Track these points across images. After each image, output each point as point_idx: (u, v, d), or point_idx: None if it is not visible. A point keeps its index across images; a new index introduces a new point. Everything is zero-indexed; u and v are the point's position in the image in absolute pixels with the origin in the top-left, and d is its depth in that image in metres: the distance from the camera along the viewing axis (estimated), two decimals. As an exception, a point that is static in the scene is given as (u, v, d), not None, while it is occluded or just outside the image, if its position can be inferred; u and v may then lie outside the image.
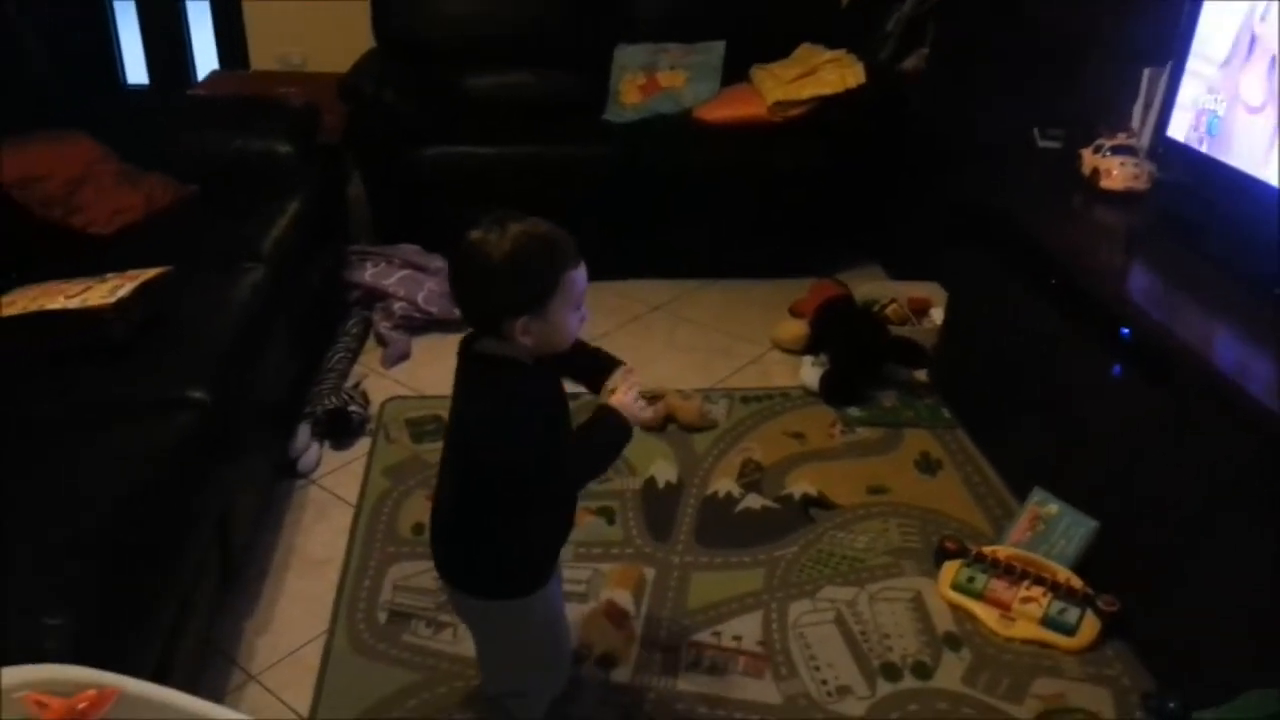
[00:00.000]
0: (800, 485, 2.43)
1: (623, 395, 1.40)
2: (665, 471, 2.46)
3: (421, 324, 3.06)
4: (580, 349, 1.46)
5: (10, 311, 2.09)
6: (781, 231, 3.45)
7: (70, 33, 4.00)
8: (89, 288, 2.13)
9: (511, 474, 1.35)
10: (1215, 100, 2.10)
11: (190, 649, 1.70)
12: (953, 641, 1.98)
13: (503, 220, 1.27)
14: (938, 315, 2.98)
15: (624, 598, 2.06)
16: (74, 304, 2.07)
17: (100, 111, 2.93)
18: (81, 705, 0.91)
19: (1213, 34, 2.11)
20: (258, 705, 1.79)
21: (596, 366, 1.50)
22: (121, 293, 2.07)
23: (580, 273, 1.31)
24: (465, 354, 1.38)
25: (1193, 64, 2.18)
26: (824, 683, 1.88)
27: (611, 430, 1.39)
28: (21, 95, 2.64)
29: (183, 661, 1.63)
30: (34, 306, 2.09)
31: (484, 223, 1.28)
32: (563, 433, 1.42)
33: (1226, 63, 2.07)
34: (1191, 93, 2.18)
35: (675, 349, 3.08)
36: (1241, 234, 1.97)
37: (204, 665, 1.85)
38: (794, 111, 3.29)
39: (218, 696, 1.80)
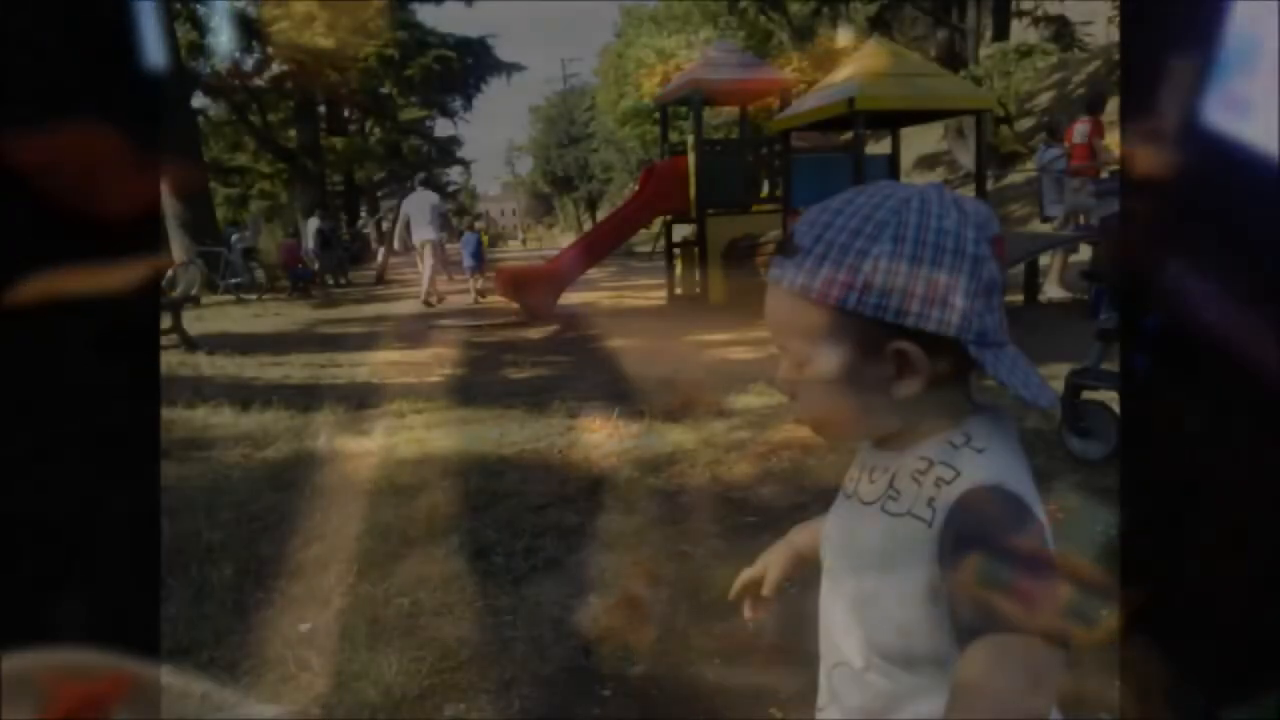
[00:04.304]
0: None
1: None
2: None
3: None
4: None
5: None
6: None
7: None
8: None
9: None
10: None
11: (198, 639, 1.67)
12: (974, 635, 1.95)
13: None
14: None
15: (643, 589, 2.03)
16: None
17: None
18: (97, 691, 0.88)
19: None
20: (262, 700, 1.76)
21: None
22: None
23: None
24: None
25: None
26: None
27: None
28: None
29: (192, 650, 1.60)
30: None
31: None
32: None
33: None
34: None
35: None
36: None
37: (211, 657, 1.81)
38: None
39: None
